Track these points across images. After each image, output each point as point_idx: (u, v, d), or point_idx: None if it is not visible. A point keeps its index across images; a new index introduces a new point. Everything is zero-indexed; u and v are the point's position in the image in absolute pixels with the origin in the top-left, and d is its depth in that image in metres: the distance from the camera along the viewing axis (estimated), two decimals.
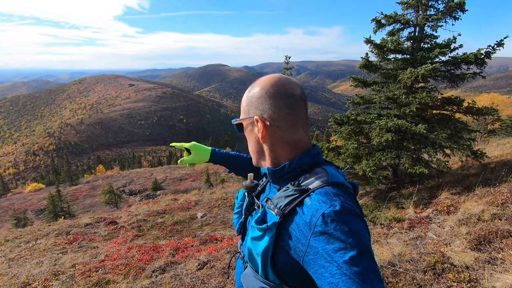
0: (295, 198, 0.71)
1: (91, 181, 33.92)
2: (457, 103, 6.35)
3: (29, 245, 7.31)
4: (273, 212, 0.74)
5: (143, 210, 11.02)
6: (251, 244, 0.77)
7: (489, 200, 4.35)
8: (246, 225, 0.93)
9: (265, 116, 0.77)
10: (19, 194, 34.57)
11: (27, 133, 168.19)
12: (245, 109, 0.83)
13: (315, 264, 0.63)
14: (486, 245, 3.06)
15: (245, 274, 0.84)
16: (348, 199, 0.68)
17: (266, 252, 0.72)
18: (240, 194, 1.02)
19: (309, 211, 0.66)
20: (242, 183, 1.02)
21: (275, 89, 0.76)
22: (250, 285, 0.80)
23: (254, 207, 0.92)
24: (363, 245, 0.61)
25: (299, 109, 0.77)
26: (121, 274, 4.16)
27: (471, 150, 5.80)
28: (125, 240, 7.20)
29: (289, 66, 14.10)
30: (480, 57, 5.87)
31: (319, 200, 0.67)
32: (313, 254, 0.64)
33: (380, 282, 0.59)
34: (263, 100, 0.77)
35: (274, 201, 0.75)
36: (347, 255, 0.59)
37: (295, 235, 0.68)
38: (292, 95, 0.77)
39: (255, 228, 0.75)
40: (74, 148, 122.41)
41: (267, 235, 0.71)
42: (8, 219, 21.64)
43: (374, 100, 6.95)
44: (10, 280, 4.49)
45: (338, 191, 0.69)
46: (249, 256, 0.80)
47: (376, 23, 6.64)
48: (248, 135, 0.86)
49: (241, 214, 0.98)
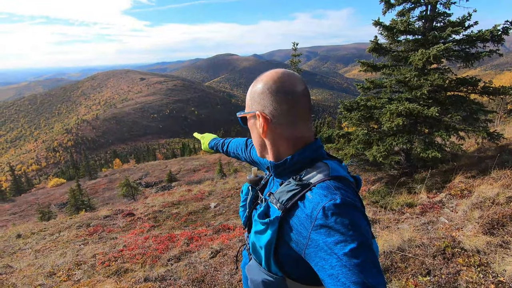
0: (297, 193, 0.72)
1: (109, 175, 35.03)
2: (473, 84, 6.09)
3: (53, 237, 7.71)
4: (275, 207, 0.75)
5: (159, 202, 11.35)
6: (254, 238, 0.79)
7: (505, 182, 4.23)
8: (251, 218, 0.96)
9: (266, 112, 0.78)
10: (43, 189, 36.21)
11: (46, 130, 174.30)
12: (249, 103, 0.85)
13: (316, 257, 0.65)
14: (499, 228, 3.00)
15: (249, 266, 0.87)
16: (349, 193, 0.69)
17: (269, 245, 0.74)
18: (245, 188, 1.04)
19: (310, 204, 0.68)
20: (246, 177, 1.05)
21: (277, 85, 0.77)
22: (254, 277, 0.83)
23: (258, 201, 0.94)
24: (363, 237, 0.62)
25: (300, 105, 0.78)
26: (138, 263, 4.35)
27: (487, 131, 5.60)
28: (142, 230, 7.48)
29: (297, 53, 13.87)
30: (496, 33, 5.58)
31: (320, 193, 0.68)
32: (314, 247, 0.65)
33: (379, 274, 0.61)
34: (264, 95, 0.78)
35: (277, 196, 0.77)
36: (347, 248, 0.60)
37: (296, 228, 0.69)
38: (293, 92, 0.77)
39: (258, 222, 0.77)
40: (91, 143, 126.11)
41: (270, 229, 0.73)
42: (33, 213, 22.77)
43: (385, 84, 6.76)
44: (37, 270, 4.79)
45: (339, 185, 0.70)
46: (253, 248, 0.82)
47: (385, 4, 6.40)
48: (251, 128, 0.88)
49: (246, 208, 1.01)
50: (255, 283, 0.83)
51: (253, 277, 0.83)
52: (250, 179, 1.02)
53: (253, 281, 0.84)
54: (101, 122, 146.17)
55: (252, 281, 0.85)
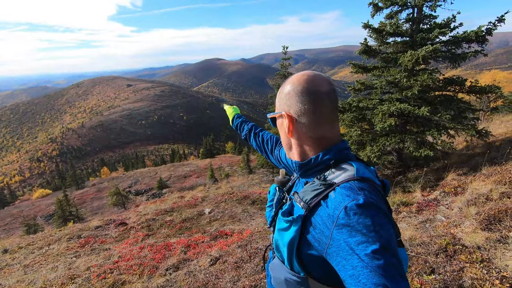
0: (321, 192, 0.73)
1: (97, 184, 34.20)
2: (460, 83, 6.27)
3: (42, 250, 7.42)
4: (299, 205, 0.77)
5: (151, 210, 11.13)
6: (278, 235, 0.81)
7: (497, 179, 4.34)
8: (276, 219, 0.96)
9: (292, 112, 0.80)
10: (27, 201, 34.96)
11: (30, 140, 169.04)
12: (277, 104, 0.87)
13: (338, 256, 0.65)
14: (497, 224, 3.06)
15: (273, 264, 0.88)
16: (373, 194, 0.69)
17: (292, 243, 0.75)
18: (272, 188, 1.06)
19: (333, 204, 0.68)
20: (274, 178, 1.06)
21: (302, 86, 0.78)
22: (277, 275, 0.84)
23: (284, 200, 0.96)
24: (385, 240, 0.61)
25: (325, 105, 0.79)
26: (135, 274, 4.23)
27: (475, 129, 5.76)
28: (136, 240, 7.29)
29: (287, 56, 13.97)
30: (481, 34, 5.77)
31: (342, 193, 0.68)
32: (335, 247, 0.65)
33: (403, 280, 0.59)
34: (290, 96, 0.80)
35: (301, 195, 0.78)
36: (369, 249, 0.60)
37: (319, 227, 0.70)
38: (318, 92, 0.78)
39: (282, 219, 0.79)
40: (77, 152, 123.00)
41: (293, 227, 0.75)
42: (18, 226, 21.94)
43: (375, 85, 6.88)
44: (27, 286, 4.58)
45: (363, 186, 0.70)
46: (276, 247, 0.83)
47: (374, 7, 6.53)
48: (280, 129, 0.90)
49: (272, 208, 1.02)
50: (278, 281, 0.84)
51: (276, 275, 0.84)
52: (278, 180, 1.04)
53: (276, 279, 0.84)
54: (87, 130, 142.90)
55: (275, 279, 0.85)
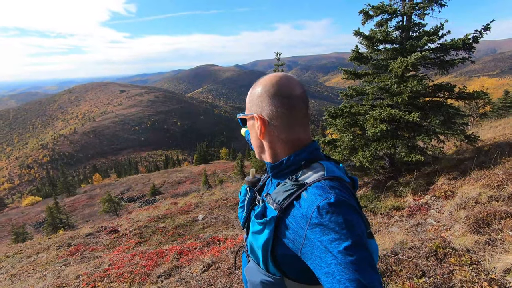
0: (293, 193, 0.73)
1: (89, 191, 33.64)
2: (449, 89, 6.41)
3: (30, 259, 7.24)
4: (272, 207, 0.76)
5: (144, 216, 10.98)
6: (252, 238, 0.80)
7: (485, 182, 4.42)
8: (249, 220, 0.96)
9: (264, 114, 0.80)
10: (16, 209, 34.18)
11: (20, 146, 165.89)
12: (248, 105, 0.86)
13: (312, 255, 0.66)
14: (485, 227, 3.11)
15: (248, 267, 0.87)
16: (343, 192, 0.70)
17: (266, 245, 0.75)
18: (243, 189, 1.05)
19: (306, 204, 0.69)
20: (245, 178, 1.05)
21: (275, 89, 0.78)
22: (252, 278, 0.83)
23: (256, 202, 0.95)
24: (357, 236, 0.63)
25: (297, 108, 0.79)
26: (126, 282, 4.15)
27: (464, 134, 5.88)
28: (128, 247, 7.18)
29: (280, 63, 14.10)
30: (468, 42, 5.94)
31: (314, 193, 0.69)
32: (310, 246, 0.66)
33: (374, 272, 0.61)
34: (262, 99, 0.79)
35: (273, 196, 0.77)
36: (341, 246, 0.61)
37: (293, 228, 0.70)
38: (290, 95, 0.78)
39: (255, 222, 0.78)
40: (69, 158, 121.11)
41: (267, 229, 0.74)
42: (6, 234, 21.39)
43: (367, 91, 6.99)
44: None
45: (334, 184, 0.71)
46: (251, 249, 0.83)
47: (364, 15, 6.67)
48: (250, 130, 0.89)
49: (244, 209, 1.01)
50: (254, 284, 0.83)
51: (252, 278, 0.83)
52: (248, 180, 1.03)
53: (252, 282, 0.84)
54: (79, 136, 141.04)
55: (251, 283, 0.84)
